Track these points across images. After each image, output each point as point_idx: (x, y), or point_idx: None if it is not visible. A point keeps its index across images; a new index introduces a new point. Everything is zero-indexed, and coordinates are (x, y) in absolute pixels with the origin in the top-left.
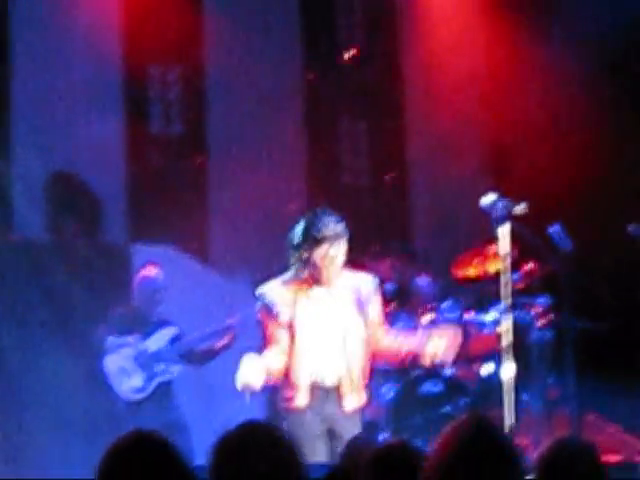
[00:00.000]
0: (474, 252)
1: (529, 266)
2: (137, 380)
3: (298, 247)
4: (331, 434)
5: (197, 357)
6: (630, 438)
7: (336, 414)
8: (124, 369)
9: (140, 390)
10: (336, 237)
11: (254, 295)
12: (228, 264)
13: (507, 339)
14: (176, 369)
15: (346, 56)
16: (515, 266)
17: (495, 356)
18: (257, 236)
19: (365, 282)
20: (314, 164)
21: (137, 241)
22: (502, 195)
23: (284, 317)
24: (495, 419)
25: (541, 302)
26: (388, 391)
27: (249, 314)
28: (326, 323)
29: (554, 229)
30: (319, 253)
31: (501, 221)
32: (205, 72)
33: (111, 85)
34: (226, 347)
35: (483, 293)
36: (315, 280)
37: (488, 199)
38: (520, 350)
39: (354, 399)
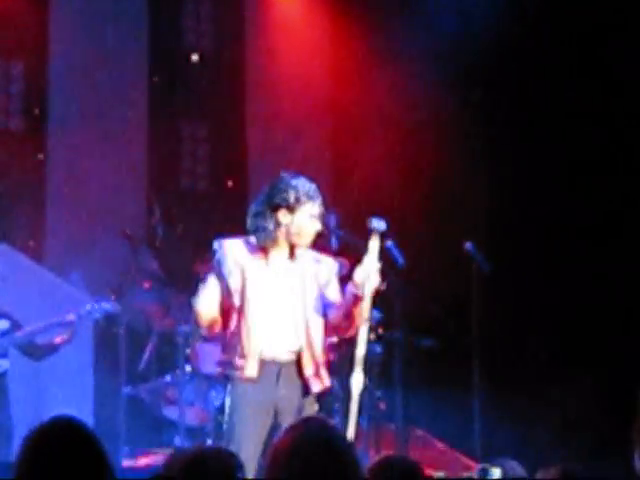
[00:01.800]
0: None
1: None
2: None
3: (276, 209)
4: (277, 414)
5: (35, 351)
6: (456, 454)
7: (288, 394)
8: None
9: None
10: (317, 197)
11: (86, 295)
12: (63, 263)
13: (360, 349)
14: (5, 362)
15: (191, 60)
16: (347, 279)
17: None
18: (94, 237)
19: (326, 263)
20: (154, 167)
21: None
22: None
23: (233, 278)
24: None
25: (372, 316)
26: (216, 397)
27: (89, 311)
28: (285, 295)
29: (388, 243)
30: (304, 211)
31: (370, 236)
32: (48, 67)
33: None
34: (65, 342)
35: None
36: (289, 245)
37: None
38: (349, 362)
39: (316, 382)
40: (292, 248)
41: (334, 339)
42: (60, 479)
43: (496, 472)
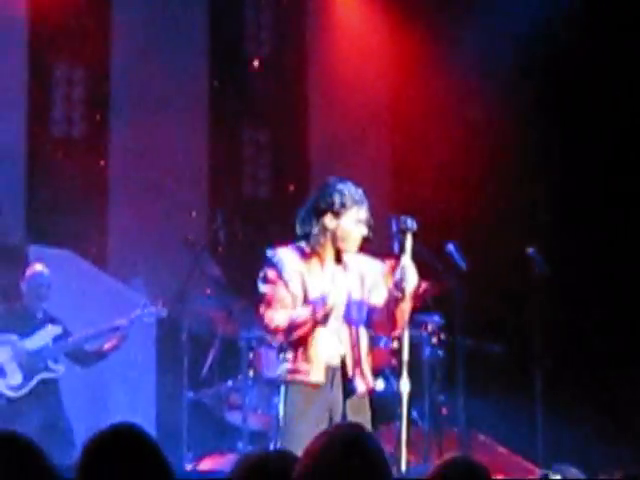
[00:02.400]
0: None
1: (424, 283)
2: (15, 378)
3: (322, 214)
4: (331, 417)
5: (84, 357)
6: (518, 459)
7: (338, 396)
8: (0, 367)
9: (18, 388)
10: (363, 202)
11: (146, 301)
12: (125, 271)
13: (404, 355)
14: (60, 368)
15: (252, 66)
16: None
17: (388, 371)
18: (156, 245)
19: (372, 266)
20: (216, 173)
21: (35, 243)
22: (399, 210)
23: (294, 284)
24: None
25: (434, 320)
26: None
27: (140, 316)
28: (339, 301)
29: (450, 247)
30: (349, 216)
31: (404, 236)
32: (110, 74)
33: (14, 84)
34: (115, 348)
35: None
36: (336, 250)
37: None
38: (412, 367)
39: (362, 383)
40: (339, 253)
41: (394, 344)
42: None
43: (557, 478)
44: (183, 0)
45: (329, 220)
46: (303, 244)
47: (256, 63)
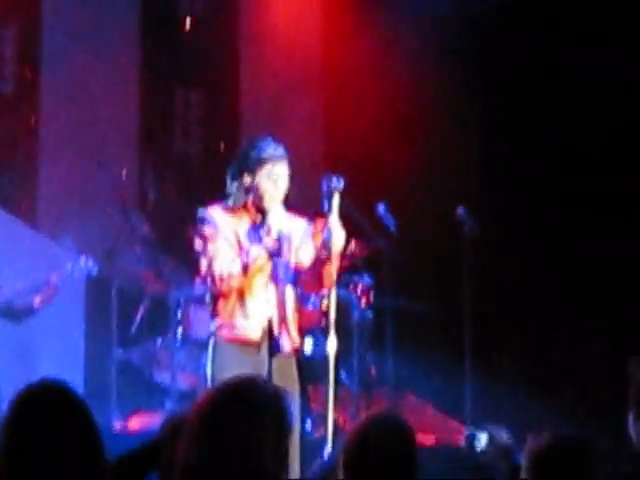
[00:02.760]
0: (312, 221)
1: (353, 244)
2: None
3: (240, 172)
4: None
5: (14, 312)
6: (447, 419)
7: (267, 355)
8: None
9: None
10: (279, 157)
11: (76, 257)
12: (55, 228)
13: (331, 315)
14: None
15: (184, 25)
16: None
17: (317, 331)
18: (86, 202)
19: (299, 224)
20: (147, 131)
21: None
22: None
23: (229, 238)
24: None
25: (364, 281)
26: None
27: (71, 271)
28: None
29: (380, 208)
30: (264, 173)
31: (331, 195)
32: (40, 31)
33: None
34: (45, 303)
35: None
36: (257, 207)
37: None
38: (341, 328)
39: (287, 341)
40: (264, 210)
41: (323, 305)
42: (47, 444)
43: (483, 438)
44: None
45: (246, 177)
46: (231, 201)
47: (188, 22)
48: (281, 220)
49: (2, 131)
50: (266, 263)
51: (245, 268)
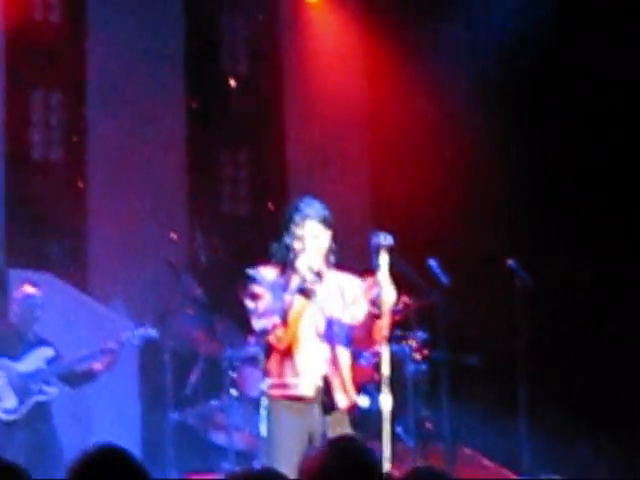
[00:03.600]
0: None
1: (405, 299)
2: (9, 401)
3: (285, 232)
4: (311, 432)
5: (76, 378)
6: (504, 471)
7: (322, 412)
8: None
9: (13, 411)
10: (321, 216)
11: (130, 322)
12: (106, 291)
13: (385, 371)
14: (53, 390)
15: (229, 84)
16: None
17: (372, 387)
18: (136, 266)
19: (351, 282)
20: (195, 193)
21: (15, 267)
22: (379, 227)
23: (278, 297)
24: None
25: (417, 335)
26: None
27: (130, 337)
28: (319, 316)
29: (431, 262)
30: (307, 232)
31: (379, 252)
32: (87, 98)
33: None
34: (105, 369)
35: None
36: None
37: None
38: (395, 383)
39: (343, 396)
40: (309, 268)
41: (376, 360)
42: None
43: None
44: (159, 21)
45: (290, 236)
46: (277, 260)
47: (232, 82)
48: (337, 279)
49: (51, 197)
50: (304, 307)
51: (284, 316)
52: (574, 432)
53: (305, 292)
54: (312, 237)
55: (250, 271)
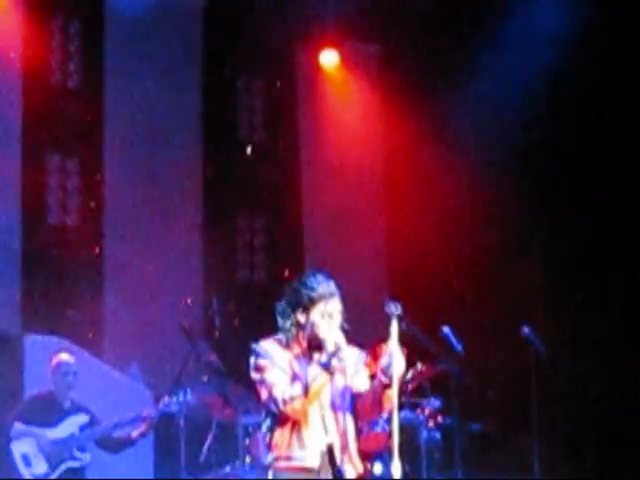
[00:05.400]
0: (367, 351)
1: (420, 367)
2: (39, 467)
3: (293, 310)
4: None
5: (113, 444)
6: None
7: None
8: (26, 457)
9: (43, 477)
10: (330, 294)
11: (145, 388)
12: (122, 357)
13: (395, 439)
14: (86, 456)
15: (245, 152)
16: (406, 366)
17: (387, 454)
18: (152, 332)
19: (352, 353)
20: (212, 259)
21: (31, 331)
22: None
23: (285, 370)
24: None
25: (431, 403)
26: None
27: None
28: (330, 388)
29: (445, 330)
30: (316, 311)
31: (389, 322)
32: (104, 163)
33: (9, 173)
34: (143, 435)
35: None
36: (309, 342)
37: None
38: (409, 450)
39: (351, 469)
40: (317, 345)
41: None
42: None
43: None
44: (176, 89)
45: (299, 315)
46: (282, 336)
47: (249, 150)
48: (339, 339)
49: (67, 262)
50: (326, 382)
51: (306, 389)
52: None
53: (329, 368)
54: (329, 314)
55: (255, 345)
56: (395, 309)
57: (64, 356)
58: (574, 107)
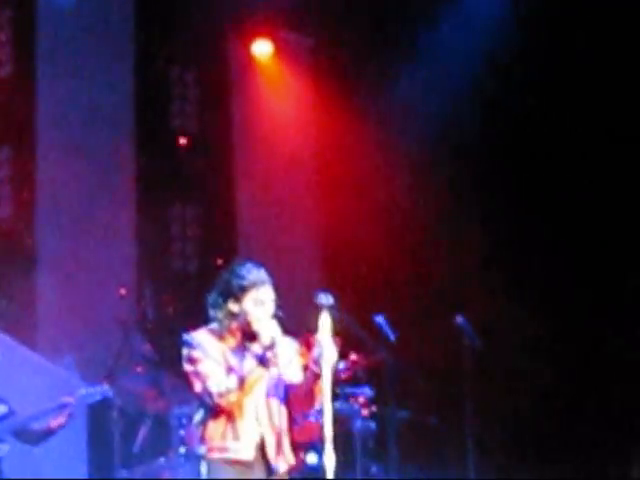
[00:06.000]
0: (299, 341)
1: (353, 356)
2: None
3: (224, 300)
4: None
5: (32, 436)
6: None
7: (263, 474)
8: None
9: None
10: (261, 281)
11: (80, 380)
12: (56, 349)
13: (329, 429)
14: (4, 447)
15: (179, 142)
16: (340, 356)
17: (319, 445)
18: (86, 322)
19: (286, 344)
20: (145, 250)
21: None
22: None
23: (218, 361)
24: None
25: (365, 392)
26: None
27: (85, 395)
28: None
29: (379, 319)
30: (249, 299)
31: (322, 312)
32: (35, 153)
33: None
34: (61, 426)
35: None
36: (243, 331)
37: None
38: (343, 440)
39: (282, 461)
40: (250, 333)
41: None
42: None
43: None
44: (109, 77)
45: (231, 305)
46: (215, 326)
47: (183, 140)
48: (272, 329)
49: (0, 255)
50: (262, 375)
51: (241, 382)
52: None
53: (265, 361)
54: (261, 302)
55: (185, 335)
56: (326, 300)
57: None
58: (514, 91)
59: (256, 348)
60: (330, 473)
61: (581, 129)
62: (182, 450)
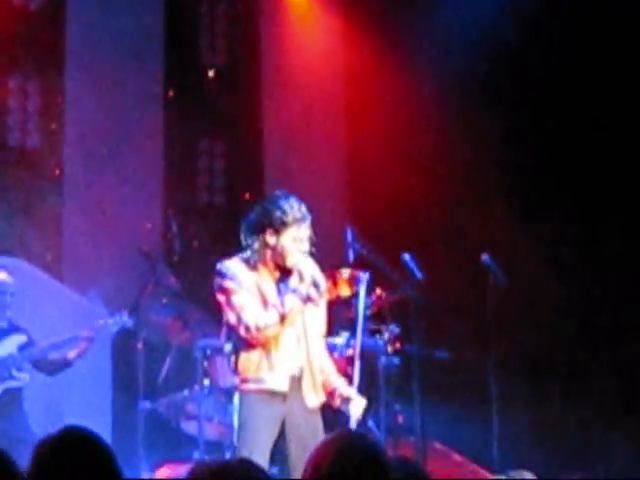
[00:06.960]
0: (326, 275)
1: (379, 292)
2: None
3: (263, 229)
4: (283, 426)
5: (50, 365)
6: (474, 466)
7: (291, 408)
8: None
9: None
10: (303, 218)
11: (105, 310)
12: (81, 281)
13: (356, 369)
14: (24, 376)
15: (207, 75)
16: (366, 292)
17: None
18: (111, 255)
19: (321, 277)
20: (171, 182)
21: None
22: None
23: (252, 292)
24: None
25: (391, 329)
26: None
27: (104, 325)
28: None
29: (406, 257)
30: (288, 234)
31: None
32: (63, 84)
33: None
34: (79, 356)
35: (334, 316)
36: (277, 264)
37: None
38: (368, 376)
39: (314, 396)
40: (283, 268)
41: (349, 352)
42: None
43: None
44: (138, 9)
45: (269, 236)
46: (249, 255)
47: (211, 73)
48: (313, 268)
49: (28, 186)
50: (302, 311)
51: (282, 318)
52: (546, 430)
53: (309, 299)
54: (300, 240)
55: (219, 265)
56: (363, 278)
57: (1, 275)
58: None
59: (294, 283)
60: (354, 419)
61: None
62: (206, 382)
